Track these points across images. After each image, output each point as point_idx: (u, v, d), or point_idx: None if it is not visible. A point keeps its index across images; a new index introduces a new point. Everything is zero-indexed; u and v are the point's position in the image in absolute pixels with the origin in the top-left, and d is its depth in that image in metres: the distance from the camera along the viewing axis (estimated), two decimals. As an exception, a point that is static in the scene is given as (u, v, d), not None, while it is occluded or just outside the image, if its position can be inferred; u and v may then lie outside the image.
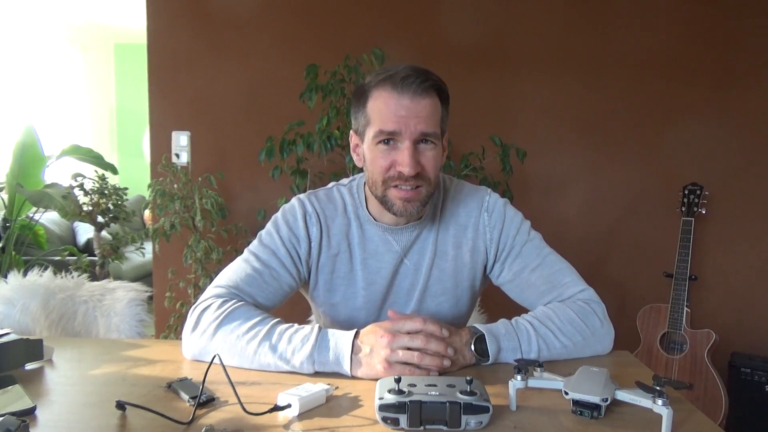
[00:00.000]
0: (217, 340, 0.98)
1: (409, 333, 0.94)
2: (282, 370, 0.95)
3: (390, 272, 1.16)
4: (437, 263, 1.16)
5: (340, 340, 0.95)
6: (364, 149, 1.08)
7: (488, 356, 0.98)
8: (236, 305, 1.02)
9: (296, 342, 0.94)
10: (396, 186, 1.04)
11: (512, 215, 1.17)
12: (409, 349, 0.92)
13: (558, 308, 1.08)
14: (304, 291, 1.23)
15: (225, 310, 1.00)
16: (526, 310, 1.12)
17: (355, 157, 1.14)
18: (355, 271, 1.16)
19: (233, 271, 1.10)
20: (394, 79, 1.01)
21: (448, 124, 1.11)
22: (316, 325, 0.98)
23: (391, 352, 0.91)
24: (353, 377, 0.93)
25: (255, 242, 1.15)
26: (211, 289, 1.08)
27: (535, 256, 1.15)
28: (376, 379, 0.86)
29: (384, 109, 1.02)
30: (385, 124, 1.02)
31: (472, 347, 0.98)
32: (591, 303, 1.10)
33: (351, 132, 1.13)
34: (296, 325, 0.99)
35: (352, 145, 1.14)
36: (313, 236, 1.14)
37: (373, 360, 0.92)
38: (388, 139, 1.03)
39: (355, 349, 0.94)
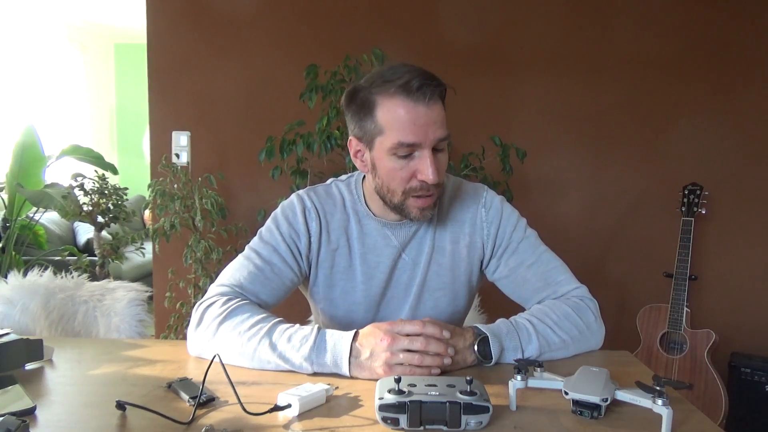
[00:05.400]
0: (220, 337, 0.98)
1: (408, 335, 0.93)
2: (281, 369, 0.95)
3: (388, 267, 1.16)
4: (435, 258, 1.17)
5: (339, 342, 0.94)
6: (373, 157, 1.06)
7: (491, 358, 0.98)
8: (239, 303, 1.02)
9: (295, 342, 0.94)
10: (417, 196, 1.05)
11: (509, 212, 1.19)
12: (409, 350, 0.92)
13: (554, 305, 1.09)
14: (303, 288, 1.24)
15: (228, 308, 1.00)
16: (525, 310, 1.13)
17: (359, 164, 1.11)
18: (354, 266, 1.16)
19: (236, 269, 1.10)
20: (408, 88, 0.98)
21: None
22: (316, 326, 0.97)
23: (392, 355, 0.90)
24: (353, 378, 0.93)
25: (255, 239, 1.15)
26: (215, 287, 1.08)
27: (531, 254, 1.16)
28: (377, 379, 0.86)
29: (403, 119, 0.99)
30: (406, 135, 0.99)
31: (476, 348, 0.99)
32: (585, 299, 1.12)
33: (350, 138, 1.10)
34: (297, 325, 0.98)
35: (352, 151, 1.11)
36: (313, 231, 1.15)
37: (374, 363, 0.91)
38: (408, 150, 1.01)
39: (354, 353, 0.93)
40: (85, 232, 4.52)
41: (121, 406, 0.78)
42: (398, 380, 0.77)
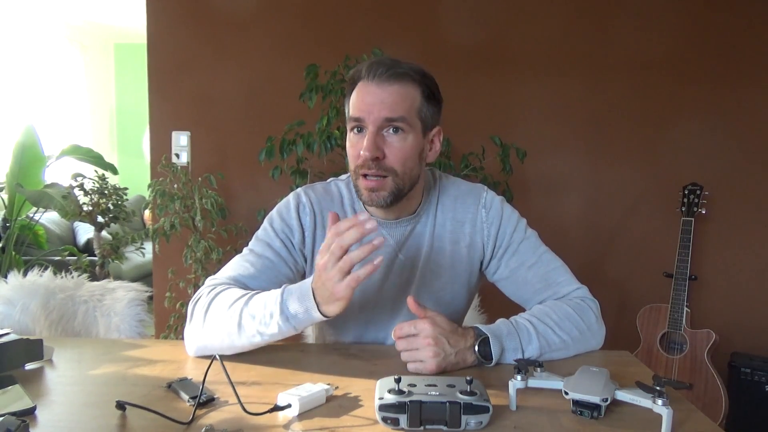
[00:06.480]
0: (208, 323, 0.98)
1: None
2: (267, 340, 0.95)
3: (384, 267, 1.16)
4: (434, 258, 1.17)
5: (303, 293, 0.92)
6: None
7: (491, 359, 0.98)
8: (224, 288, 1.03)
9: (270, 305, 0.93)
10: (364, 175, 1.05)
11: (509, 212, 1.19)
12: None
13: (555, 305, 1.09)
14: None
15: (213, 294, 1.01)
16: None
17: None
18: None
19: (230, 266, 1.12)
20: (362, 68, 1.05)
21: (440, 121, 1.11)
22: (281, 289, 0.95)
23: (329, 278, 0.87)
24: (327, 317, 0.92)
25: (252, 239, 1.16)
26: (208, 280, 1.09)
27: (531, 254, 1.16)
28: (342, 310, 0.89)
29: (355, 97, 1.06)
30: (354, 110, 1.05)
31: (476, 349, 0.98)
32: (586, 300, 1.12)
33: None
34: (272, 291, 0.97)
35: None
36: (306, 225, 1.16)
37: (328, 294, 0.89)
38: (359, 126, 1.05)
39: (315, 294, 0.91)
40: (85, 232, 4.52)
41: (121, 406, 0.78)
42: (398, 380, 0.77)
